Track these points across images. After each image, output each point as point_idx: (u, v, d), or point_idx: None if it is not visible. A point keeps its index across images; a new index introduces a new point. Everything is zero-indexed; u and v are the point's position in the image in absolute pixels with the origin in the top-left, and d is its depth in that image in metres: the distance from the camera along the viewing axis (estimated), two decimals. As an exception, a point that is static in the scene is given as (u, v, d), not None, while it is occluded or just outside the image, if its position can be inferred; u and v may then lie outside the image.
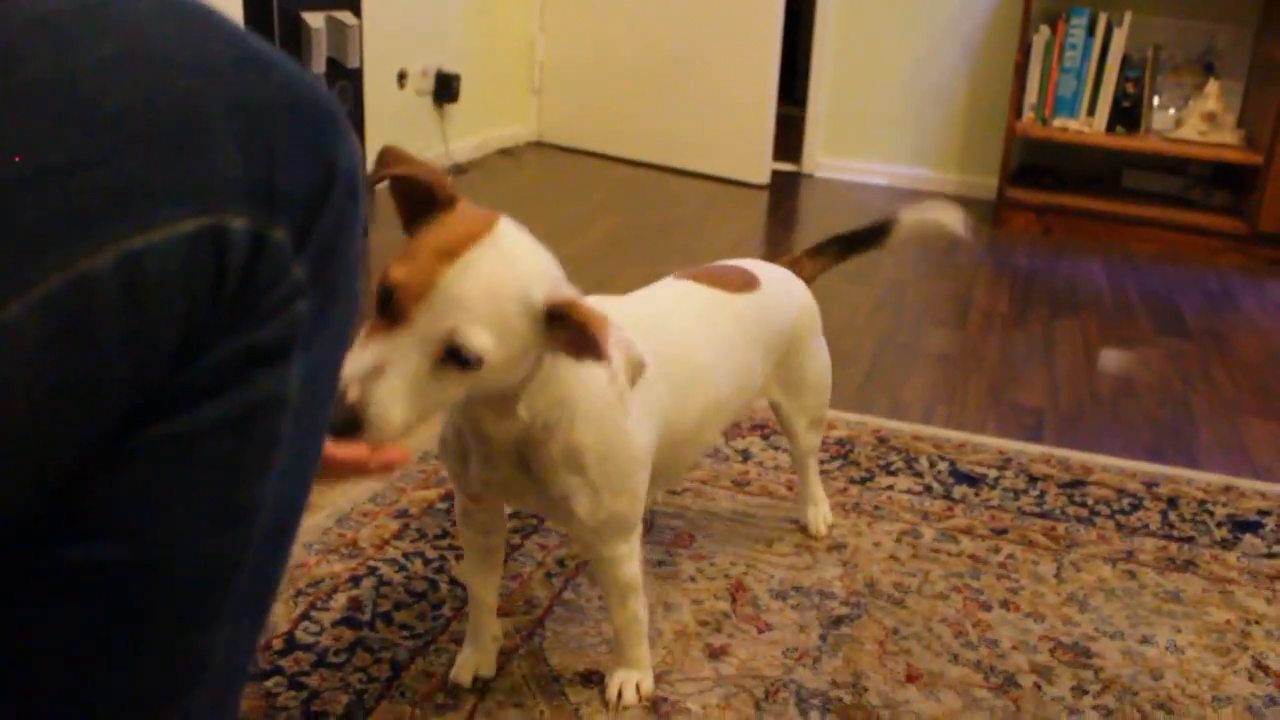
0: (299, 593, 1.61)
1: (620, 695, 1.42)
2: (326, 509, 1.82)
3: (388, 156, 1.12)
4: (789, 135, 4.87)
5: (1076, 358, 2.90)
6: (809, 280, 1.78)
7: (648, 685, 1.44)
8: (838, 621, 1.64)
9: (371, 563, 1.69)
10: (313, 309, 0.63)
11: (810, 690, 1.48)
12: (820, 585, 1.73)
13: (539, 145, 5.03)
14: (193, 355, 0.58)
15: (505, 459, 1.26)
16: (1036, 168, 4.49)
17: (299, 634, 1.52)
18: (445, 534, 1.78)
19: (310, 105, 0.62)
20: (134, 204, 0.54)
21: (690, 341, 1.46)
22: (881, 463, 2.15)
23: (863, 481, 2.07)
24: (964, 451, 2.23)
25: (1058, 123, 4.23)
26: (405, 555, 1.72)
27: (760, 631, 1.60)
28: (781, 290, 1.66)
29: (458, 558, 1.72)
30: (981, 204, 4.48)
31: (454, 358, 1.05)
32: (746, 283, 1.59)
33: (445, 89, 4.33)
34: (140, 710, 0.63)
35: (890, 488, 2.05)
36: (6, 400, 0.53)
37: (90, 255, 0.53)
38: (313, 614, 1.56)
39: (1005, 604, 1.72)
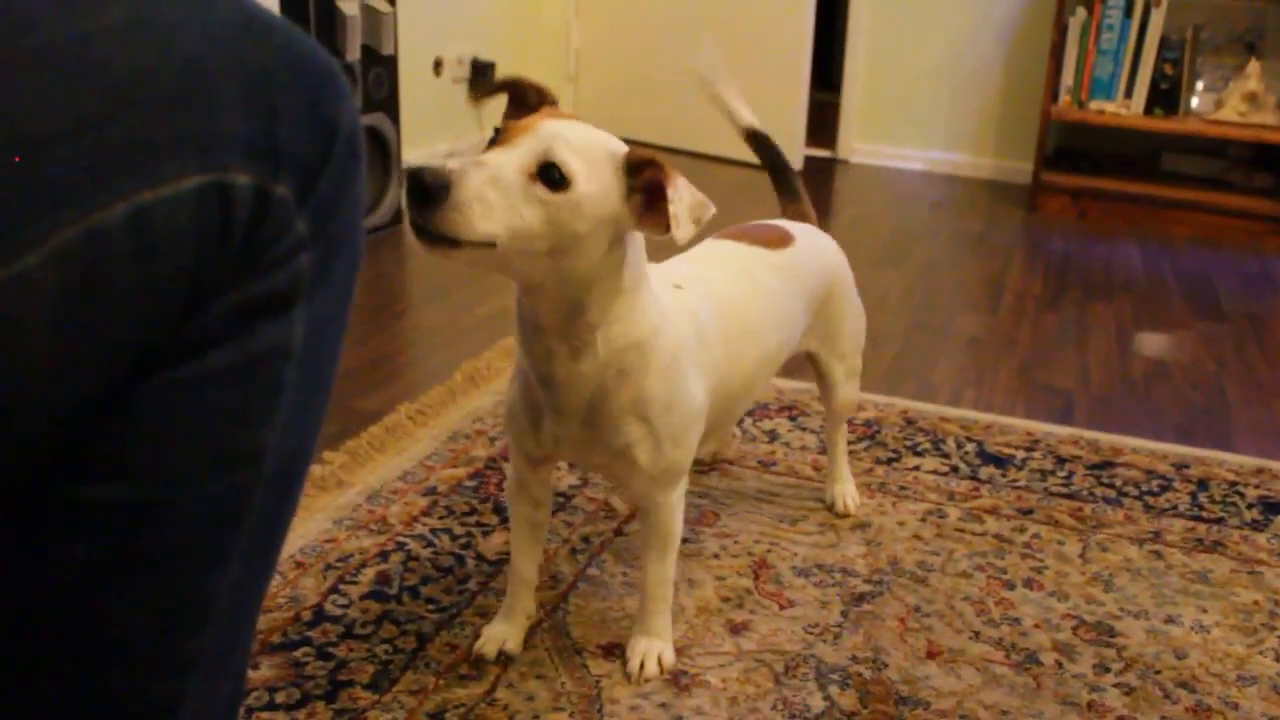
0: (328, 567, 1.64)
1: (642, 666, 1.44)
2: (357, 486, 1.85)
3: (512, 80, 1.27)
4: (824, 121, 4.86)
5: (1109, 341, 2.89)
6: (814, 224, 1.82)
7: (669, 657, 1.46)
8: (860, 598, 1.65)
9: (400, 538, 1.72)
10: (315, 263, 0.65)
11: (830, 665, 1.50)
12: (843, 563, 1.74)
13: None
14: (200, 305, 0.61)
15: (576, 412, 1.30)
16: (1073, 151, 4.45)
17: (327, 606, 1.55)
18: (473, 511, 1.81)
19: (310, 67, 0.65)
20: (143, 161, 0.57)
21: (738, 298, 1.51)
22: (908, 443, 2.15)
23: (889, 462, 2.08)
24: (992, 433, 2.22)
25: (1094, 105, 4.20)
26: (433, 531, 1.75)
27: (782, 608, 1.61)
28: (815, 243, 1.72)
29: (484, 534, 1.74)
30: (1017, 189, 4.46)
31: (546, 177, 1.13)
32: (782, 238, 1.64)
33: (481, 76, 4.35)
34: (151, 647, 0.66)
35: (916, 468, 2.06)
36: (26, 344, 0.55)
37: (103, 209, 0.56)
38: (341, 587, 1.59)
39: (1029, 583, 1.72)
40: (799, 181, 1.86)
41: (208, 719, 0.72)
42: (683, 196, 1.16)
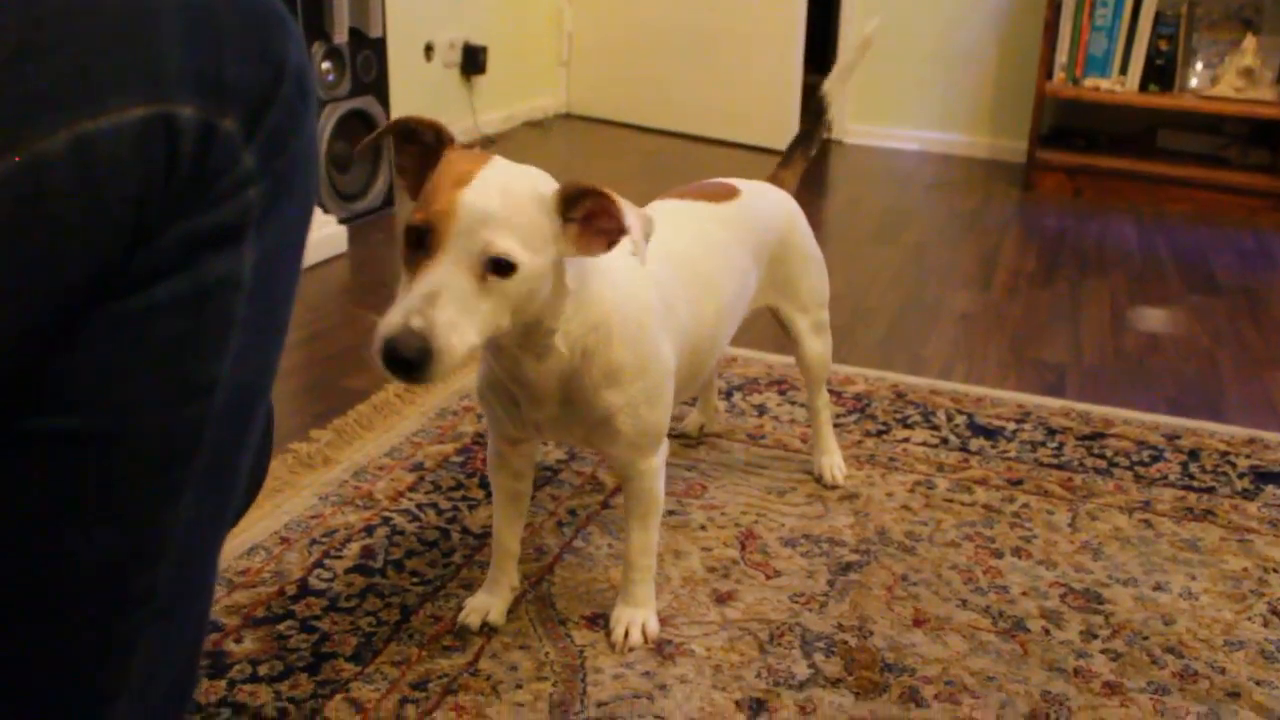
0: (313, 542, 1.63)
1: (626, 635, 1.43)
2: (344, 463, 1.85)
3: (401, 121, 1.21)
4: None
5: (1103, 316, 2.88)
6: (792, 190, 1.82)
7: (653, 626, 1.46)
8: (847, 568, 1.64)
9: (386, 513, 1.72)
10: (264, 197, 0.65)
11: (815, 634, 1.49)
12: (831, 533, 1.73)
13: (568, 117, 5.03)
14: (148, 237, 0.61)
15: (550, 398, 1.31)
16: (1068, 129, 4.43)
17: (312, 580, 1.54)
18: (459, 486, 1.80)
19: (257, 7, 0.64)
20: (85, 90, 0.57)
21: (693, 254, 1.51)
22: (898, 416, 2.15)
23: (878, 434, 2.07)
24: (983, 406, 2.22)
25: (1089, 83, 4.18)
26: (419, 506, 1.74)
27: (768, 578, 1.61)
28: (761, 196, 1.72)
29: (470, 508, 1.74)
30: (1012, 167, 4.44)
31: (494, 268, 1.11)
32: (727, 193, 1.65)
33: (473, 61, 4.34)
34: (107, 579, 0.66)
35: (906, 440, 2.05)
36: None
37: (44, 137, 0.56)
38: (326, 562, 1.59)
39: (1017, 552, 1.71)
40: (800, 153, 1.86)
41: (167, 662, 0.71)
42: (634, 222, 1.15)
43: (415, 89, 3.99)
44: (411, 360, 1.06)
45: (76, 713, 0.68)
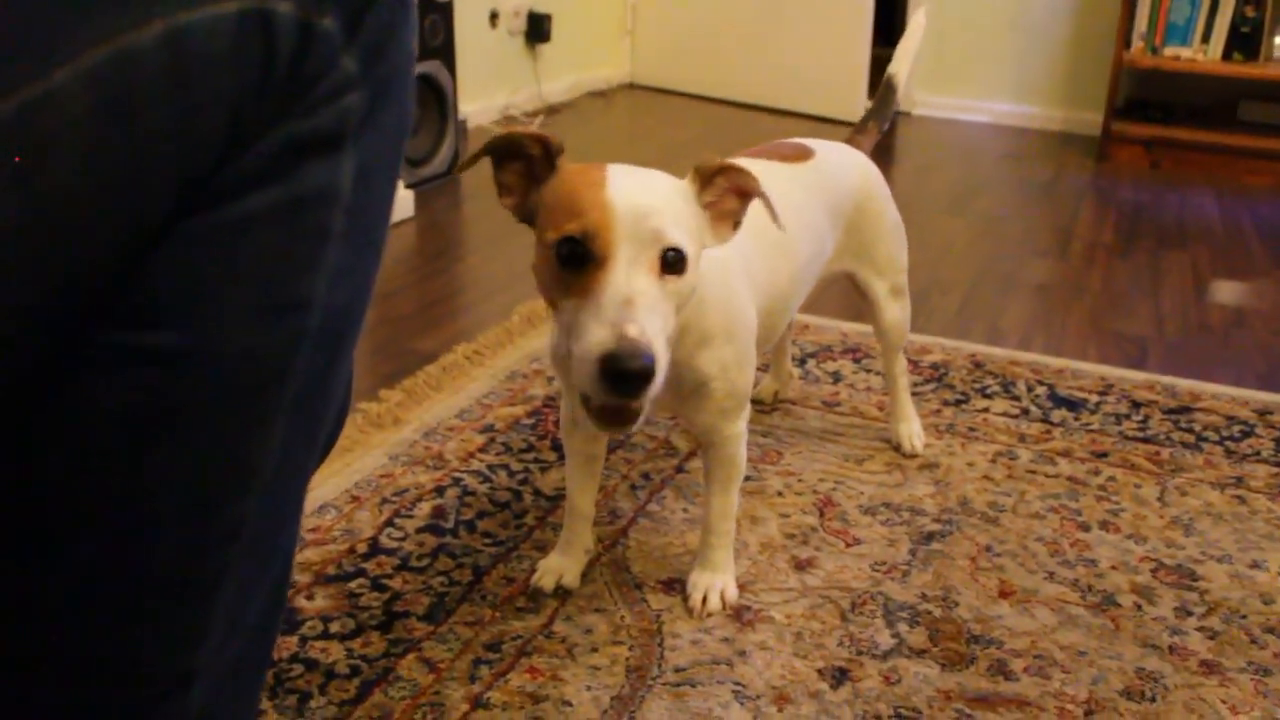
0: (384, 501, 1.61)
1: (705, 601, 1.40)
2: (413, 424, 1.82)
3: (499, 138, 1.16)
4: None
5: (1184, 288, 2.79)
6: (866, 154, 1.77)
7: (732, 592, 1.42)
8: (928, 537, 1.59)
9: (456, 474, 1.69)
10: (363, 104, 0.61)
11: (899, 603, 1.44)
12: (911, 502, 1.68)
13: (631, 87, 4.98)
14: (243, 143, 0.57)
15: None
16: (1144, 101, 4.31)
17: (383, 539, 1.52)
18: (530, 448, 1.77)
19: None
20: None
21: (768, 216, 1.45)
22: (977, 386, 2.09)
23: (957, 404, 2.01)
24: (1063, 377, 2.15)
25: (1169, 52, 4.06)
26: (490, 468, 1.71)
27: (848, 545, 1.56)
28: (837, 156, 1.66)
29: (542, 470, 1.71)
30: (1086, 140, 4.34)
31: (668, 264, 1.07)
32: (802, 153, 1.60)
33: (537, 29, 4.30)
34: (191, 512, 0.63)
35: (985, 410, 1.99)
36: (57, 168, 0.52)
37: (136, 28, 0.52)
38: (397, 521, 1.56)
39: (1105, 525, 1.65)
40: (875, 122, 1.82)
41: (252, 599, 0.69)
42: (770, 192, 1.14)
43: (480, 56, 3.96)
44: (638, 372, 0.99)
45: (161, 655, 0.65)
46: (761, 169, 1.52)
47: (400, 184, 2.92)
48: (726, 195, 1.14)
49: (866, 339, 2.23)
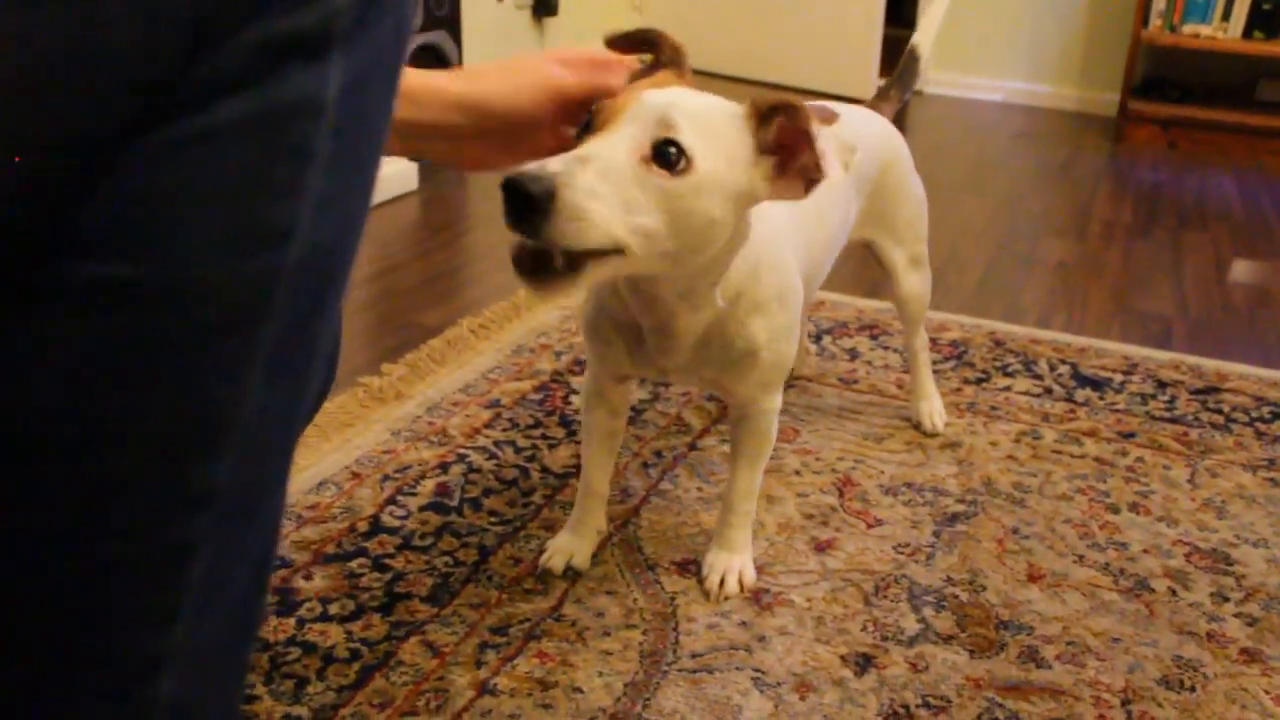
0: (385, 478, 1.55)
1: (722, 583, 1.33)
2: (416, 398, 1.76)
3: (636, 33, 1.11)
4: (896, 58, 4.67)
5: (1206, 268, 2.72)
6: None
7: (750, 574, 1.35)
8: (953, 519, 1.53)
9: (461, 450, 1.63)
10: (354, 4, 0.54)
11: (924, 586, 1.38)
12: (933, 482, 1.62)
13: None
14: (210, 40, 0.50)
15: (691, 343, 1.19)
16: (1161, 80, 4.23)
17: (384, 517, 1.46)
18: (538, 424, 1.71)
19: None
20: None
21: None
22: (998, 364, 2.02)
23: (978, 382, 1.95)
24: (1086, 356, 2.09)
25: (1188, 29, 3.98)
26: (496, 444, 1.65)
27: (869, 526, 1.50)
28: (862, 120, 1.58)
29: (550, 447, 1.64)
30: (1102, 120, 4.27)
31: (661, 158, 0.96)
32: (825, 117, 1.50)
33: (544, 2, 4.22)
34: (154, 469, 0.56)
35: (1007, 389, 1.93)
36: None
37: None
38: (399, 499, 1.50)
39: (1134, 507, 1.59)
40: (896, 91, 1.76)
41: (231, 577, 0.62)
42: (826, 134, 0.99)
43: (486, 28, 3.89)
44: (531, 195, 0.88)
45: (122, 638, 0.58)
46: None
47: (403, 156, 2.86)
48: (798, 147, 1.03)
49: (883, 315, 2.17)
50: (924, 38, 1.77)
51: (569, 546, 1.39)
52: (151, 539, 0.57)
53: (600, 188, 0.93)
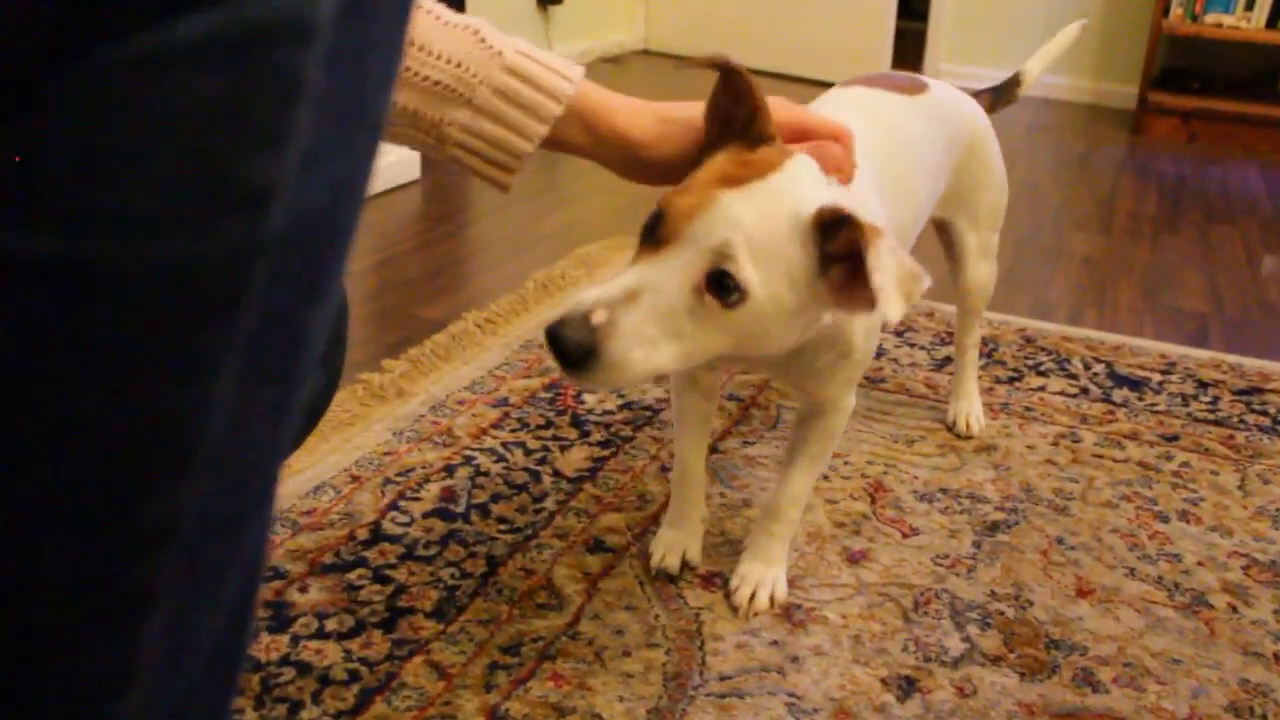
0: (387, 481, 1.45)
1: (753, 598, 1.23)
2: (420, 396, 1.66)
3: (734, 66, 0.99)
4: (907, 50, 4.58)
5: (1238, 263, 2.62)
6: None
7: (782, 590, 1.25)
8: (993, 528, 1.43)
9: (467, 452, 1.53)
10: None
11: (967, 602, 1.28)
12: (970, 488, 1.52)
13: (646, 54, 4.80)
14: None
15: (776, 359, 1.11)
16: (1181, 71, 4.13)
17: (386, 524, 1.36)
18: (549, 424, 1.61)
19: None
20: None
21: (891, 152, 1.27)
22: (1029, 362, 1.92)
23: (1010, 381, 1.85)
24: (1121, 354, 1.99)
25: (1210, 19, 3.88)
26: (505, 445, 1.55)
27: (905, 536, 1.40)
28: (951, 92, 1.49)
29: (563, 449, 1.54)
30: (1118, 112, 4.17)
31: (717, 286, 0.91)
32: (918, 85, 1.42)
33: (549, -4, 4.12)
34: (99, 499, 0.44)
35: (1041, 389, 1.83)
36: None
37: None
38: (401, 504, 1.40)
39: (1184, 516, 1.49)
40: (989, 94, 1.64)
41: (202, 624, 0.51)
42: (886, 264, 0.89)
43: (490, 15, 3.77)
44: (570, 353, 0.89)
45: (67, 709, 0.47)
46: (878, 99, 1.35)
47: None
48: (855, 266, 0.93)
49: (908, 313, 2.07)
50: (1034, 65, 1.69)
51: (679, 541, 1.30)
52: (96, 588, 0.45)
53: (648, 329, 0.90)
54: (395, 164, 2.66)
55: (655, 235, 0.93)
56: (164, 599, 0.48)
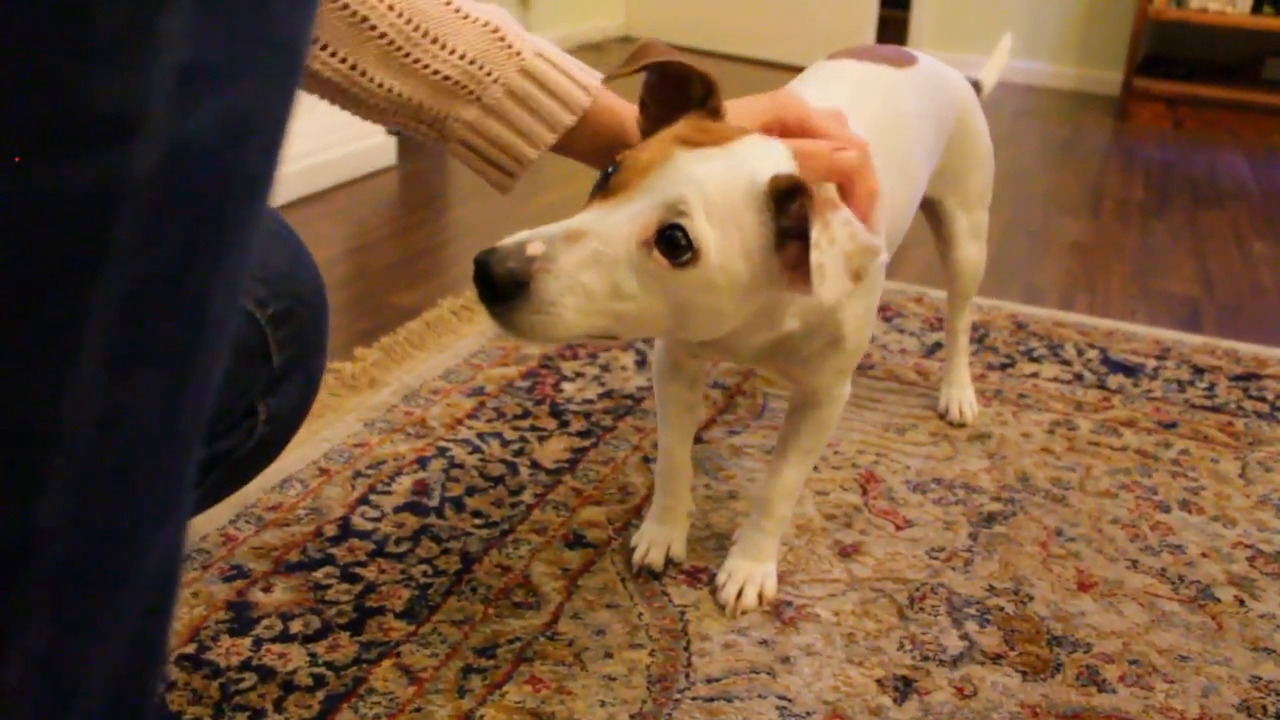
0: (357, 474, 1.38)
1: (740, 595, 1.17)
2: (392, 385, 1.59)
3: (652, 48, 0.92)
4: (889, 39, 4.53)
5: (1228, 248, 2.58)
6: None
7: (771, 587, 1.19)
8: (989, 519, 1.38)
9: (442, 443, 1.46)
10: None
11: (964, 597, 1.23)
12: (964, 478, 1.47)
13: (627, 40, 4.73)
14: None
15: (763, 344, 1.04)
16: (1165, 57, 4.09)
17: (355, 520, 1.29)
18: (526, 414, 1.54)
19: None
20: None
21: (886, 128, 1.18)
22: (1022, 349, 1.87)
23: (1002, 368, 1.80)
24: (1114, 339, 1.94)
25: (1195, 4, 3.84)
26: (480, 436, 1.49)
27: (898, 528, 1.35)
28: (938, 65, 1.41)
29: (541, 440, 1.48)
30: (1101, 99, 4.13)
31: (667, 244, 0.83)
32: (906, 58, 1.34)
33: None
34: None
35: (1035, 375, 1.78)
36: None
37: None
38: (372, 498, 1.34)
39: (1185, 505, 1.44)
40: None
41: (86, 666, 0.43)
42: (836, 236, 0.83)
43: (465, -1, 3.71)
44: (498, 283, 0.79)
45: None
46: (870, 72, 1.27)
47: (380, 129, 2.68)
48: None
49: (896, 297, 2.02)
50: (988, 76, 1.62)
51: (663, 537, 1.24)
52: None
53: (584, 275, 0.82)
54: (370, 149, 2.59)
55: (607, 185, 0.86)
56: (22, 634, 0.40)
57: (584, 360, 1.70)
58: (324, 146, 2.43)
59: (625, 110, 0.95)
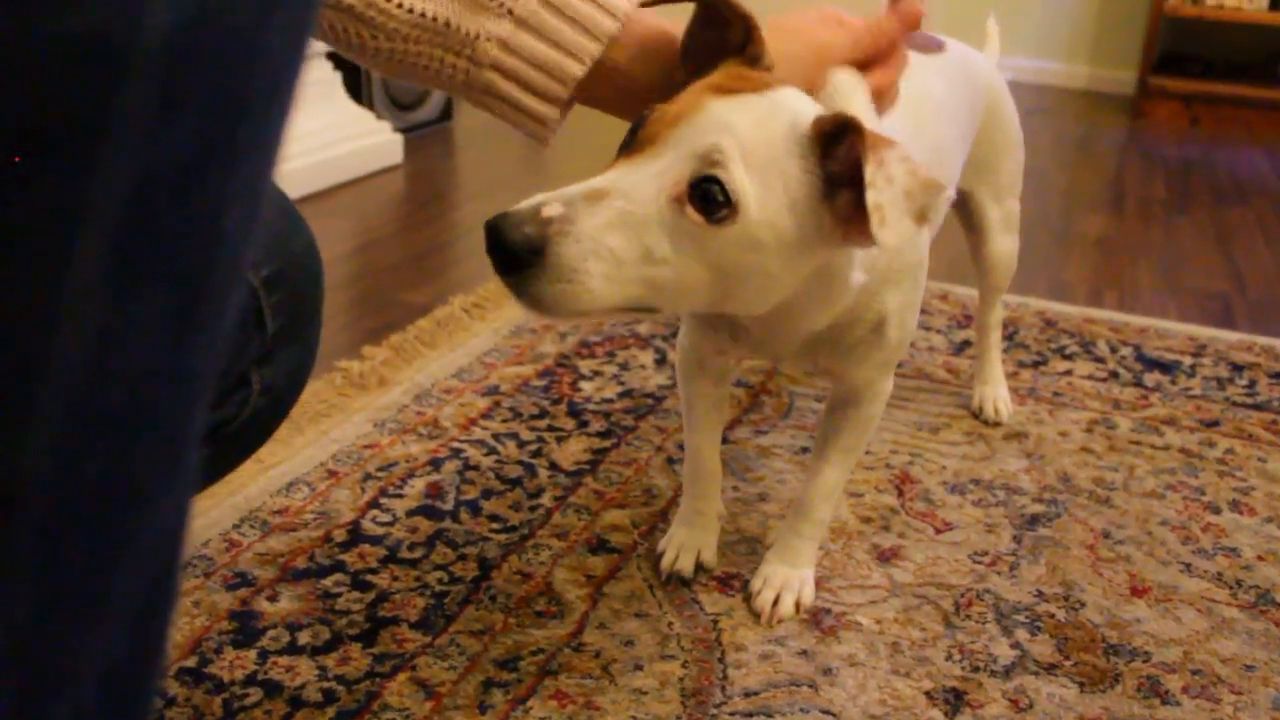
0: (367, 476, 1.31)
1: (776, 602, 1.10)
2: (403, 385, 1.53)
3: None
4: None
5: (1256, 244, 2.52)
6: None
7: (809, 594, 1.13)
8: (1033, 521, 1.31)
9: (455, 444, 1.40)
10: None
11: (1012, 604, 1.16)
12: (1004, 479, 1.40)
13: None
14: None
15: (809, 333, 0.97)
16: (1180, 55, 4.03)
17: (366, 524, 1.23)
18: (543, 414, 1.48)
19: None
20: None
21: (921, 117, 1.12)
22: (1053, 346, 1.80)
23: (1035, 365, 1.73)
24: (1148, 336, 1.87)
25: (1211, 1, 3.77)
26: (496, 437, 1.42)
27: (938, 532, 1.28)
28: (969, 52, 1.35)
29: (559, 441, 1.41)
30: (1116, 98, 4.07)
31: (702, 198, 0.75)
32: (936, 44, 1.28)
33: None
34: None
35: (1068, 373, 1.71)
36: None
37: None
38: (383, 501, 1.27)
39: (1236, 506, 1.37)
40: None
41: (78, 648, 0.37)
42: (894, 174, 0.75)
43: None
44: (512, 248, 0.71)
45: None
46: (911, 62, 1.21)
47: (387, 127, 2.62)
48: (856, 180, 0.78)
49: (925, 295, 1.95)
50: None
51: (693, 542, 1.17)
52: None
53: (610, 239, 0.74)
54: (376, 146, 2.52)
55: (634, 141, 0.79)
56: (1, 598, 0.33)
57: (602, 359, 1.64)
58: (329, 143, 2.37)
59: (677, 32, 0.86)
